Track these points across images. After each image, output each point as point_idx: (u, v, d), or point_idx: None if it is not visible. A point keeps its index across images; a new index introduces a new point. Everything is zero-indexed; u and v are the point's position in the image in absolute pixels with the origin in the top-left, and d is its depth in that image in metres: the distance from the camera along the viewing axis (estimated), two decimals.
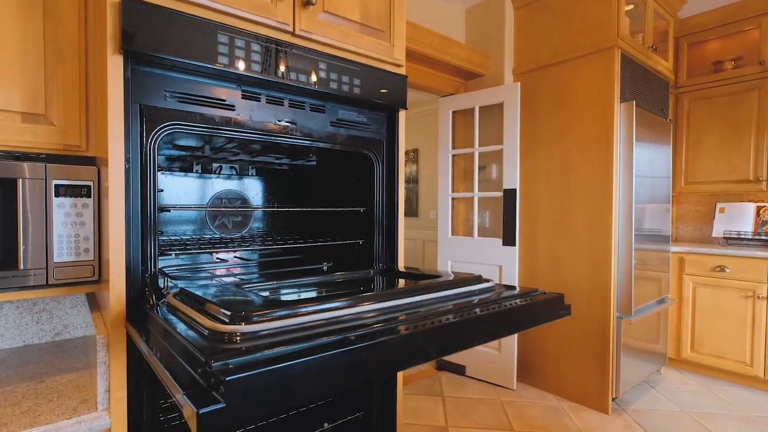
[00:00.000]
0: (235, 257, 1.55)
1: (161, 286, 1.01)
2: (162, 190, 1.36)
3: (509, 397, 2.63)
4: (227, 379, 0.43)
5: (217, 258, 1.51)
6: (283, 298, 0.93)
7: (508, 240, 2.75)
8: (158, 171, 1.39)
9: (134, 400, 0.90)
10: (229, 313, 0.61)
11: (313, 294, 0.98)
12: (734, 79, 3.04)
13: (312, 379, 0.49)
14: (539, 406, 2.51)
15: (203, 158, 1.45)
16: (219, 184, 1.57)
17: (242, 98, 1.07)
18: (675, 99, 3.35)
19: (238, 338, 0.57)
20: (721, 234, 3.18)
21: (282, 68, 1.08)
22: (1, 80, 1.00)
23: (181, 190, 1.45)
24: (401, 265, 1.36)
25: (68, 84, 1.08)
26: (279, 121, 1.13)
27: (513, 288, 0.95)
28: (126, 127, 0.90)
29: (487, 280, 0.95)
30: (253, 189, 1.66)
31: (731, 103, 3.06)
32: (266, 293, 0.95)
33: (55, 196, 0.99)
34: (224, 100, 1.04)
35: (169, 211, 1.03)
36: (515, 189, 2.71)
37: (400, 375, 1.39)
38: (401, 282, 1.03)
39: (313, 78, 1.13)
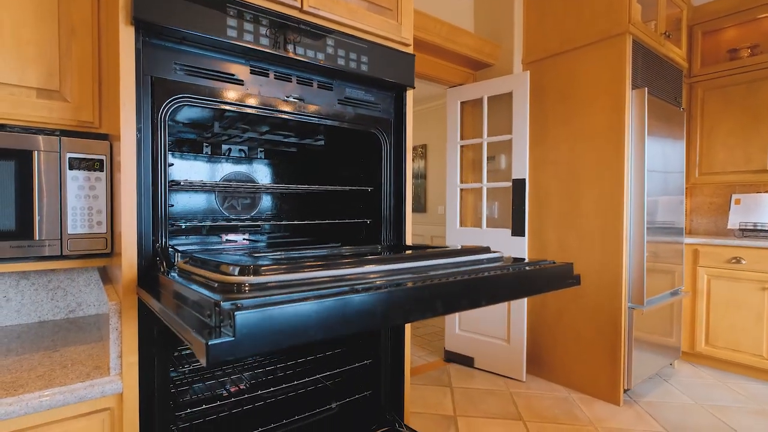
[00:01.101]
0: (243, 239, 1.56)
1: (172, 261, 1.02)
2: (172, 164, 1.38)
3: (518, 388, 2.61)
4: (236, 314, 0.44)
5: (226, 239, 1.53)
6: None
7: (517, 230, 2.73)
8: (168, 152, 1.41)
9: (145, 366, 0.91)
10: (238, 267, 0.62)
11: None
12: (750, 67, 2.97)
13: (317, 321, 0.49)
14: (549, 397, 2.48)
15: (212, 139, 1.47)
16: (228, 168, 1.58)
17: (251, 73, 1.08)
18: (689, 88, 3.29)
19: (246, 288, 0.57)
20: (737, 226, 3.11)
21: (290, 44, 1.08)
22: (17, 57, 1.03)
23: (191, 172, 1.47)
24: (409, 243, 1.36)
25: (82, 61, 1.10)
26: (287, 97, 1.14)
27: (522, 259, 0.94)
28: (138, 98, 0.91)
29: (496, 251, 0.94)
30: (261, 172, 1.67)
31: (747, 92, 3.00)
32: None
33: (69, 169, 1.01)
34: (233, 75, 1.05)
35: (179, 183, 1.04)
36: (524, 179, 2.68)
37: (407, 356, 1.38)
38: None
39: (321, 54, 1.14)
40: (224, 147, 1.55)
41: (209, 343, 0.42)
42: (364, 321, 0.52)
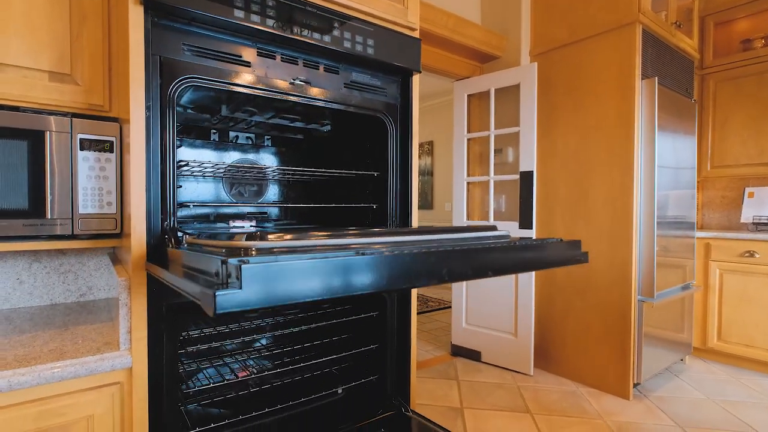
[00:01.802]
0: (251, 226, 1.57)
1: (180, 240, 1.03)
2: (180, 146, 1.39)
3: (526, 382, 2.59)
4: (243, 266, 0.44)
5: (233, 226, 1.54)
6: None
7: (525, 223, 2.71)
8: (176, 135, 1.42)
9: (154, 342, 0.92)
10: (245, 234, 0.62)
11: None
12: (764, 58, 2.91)
13: (322, 279, 0.49)
14: (557, 391, 2.46)
15: (219, 125, 1.48)
16: (236, 155, 1.60)
17: (258, 56, 1.09)
18: (700, 80, 3.23)
19: (253, 252, 0.57)
20: (751, 219, 3.05)
21: (296, 25, 1.09)
22: (30, 40, 1.05)
23: (199, 159, 1.49)
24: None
25: (92, 44, 1.12)
26: (293, 80, 1.15)
27: (529, 238, 0.94)
28: (147, 77, 0.93)
29: (502, 230, 0.94)
30: (268, 160, 1.68)
31: (761, 83, 2.94)
32: None
33: (80, 150, 1.03)
34: (240, 56, 1.06)
35: (188, 164, 1.06)
36: (532, 171, 2.66)
37: (413, 340, 1.38)
38: None
39: (327, 37, 1.14)
40: (231, 134, 1.56)
41: (216, 293, 0.42)
42: (369, 281, 0.52)
